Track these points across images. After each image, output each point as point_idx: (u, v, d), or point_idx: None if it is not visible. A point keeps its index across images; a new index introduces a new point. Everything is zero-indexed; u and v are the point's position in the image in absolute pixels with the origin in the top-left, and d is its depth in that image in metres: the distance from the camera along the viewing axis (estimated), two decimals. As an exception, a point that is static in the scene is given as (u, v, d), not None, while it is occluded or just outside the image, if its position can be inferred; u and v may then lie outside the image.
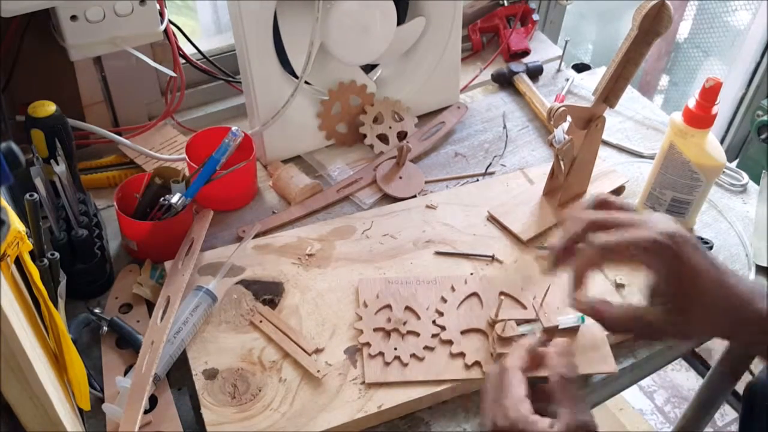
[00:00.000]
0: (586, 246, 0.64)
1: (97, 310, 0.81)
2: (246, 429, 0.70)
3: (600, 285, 0.86)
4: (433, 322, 0.79)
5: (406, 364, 0.76)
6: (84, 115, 1.01)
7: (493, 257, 0.88)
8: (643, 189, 0.95)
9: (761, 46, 1.66)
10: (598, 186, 0.98)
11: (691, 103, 0.86)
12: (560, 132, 0.90)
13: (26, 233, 0.52)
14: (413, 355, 0.76)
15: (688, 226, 0.94)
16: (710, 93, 0.84)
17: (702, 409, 1.36)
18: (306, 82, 1.01)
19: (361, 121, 1.06)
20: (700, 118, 0.85)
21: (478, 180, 1.02)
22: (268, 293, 0.83)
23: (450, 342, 0.78)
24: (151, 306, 0.83)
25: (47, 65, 0.94)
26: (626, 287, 0.86)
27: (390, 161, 1.02)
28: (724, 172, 1.03)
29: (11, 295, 0.50)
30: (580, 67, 1.25)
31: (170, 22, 0.97)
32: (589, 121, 0.88)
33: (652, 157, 1.07)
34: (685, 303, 0.64)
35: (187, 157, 0.93)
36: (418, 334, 0.78)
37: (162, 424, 0.72)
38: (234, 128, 0.88)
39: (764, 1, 1.66)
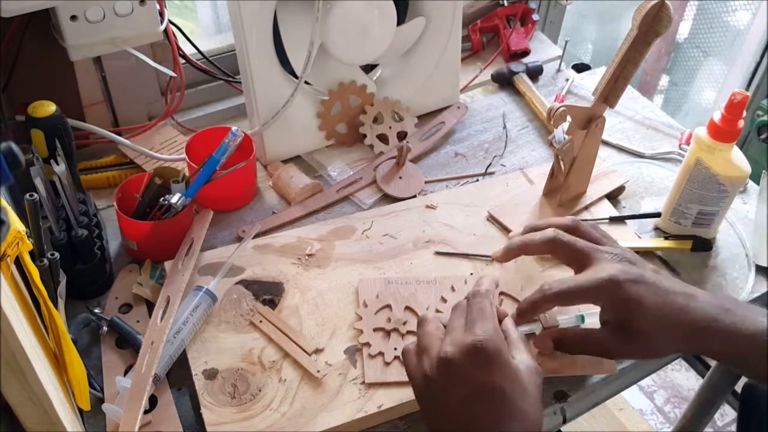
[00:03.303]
0: (537, 294, 0.71)
1: (97, 310, 0.81)
2: (246, 429, 0.70)
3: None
4: (433, 322, 0.79)
5: (406, 364, 0.76)
6: (84, 115, 1.01)
7: (493, 257, 0.88)
8: (665, 205, 0.94)
9: (761, 46, 1.66)
10: (598, 186, 0.98)
11: (716, 116, 0.84)
12: (560, 132, 0.90)
13: (26, 233, 0.52)
14: (413, 355, 0.76)
15: (711, 235, 0.93)
16: (737, 107, 0.83)
17: (702, 409, 1.36)
18: (306, 82, 1.01)
19: (361, 121, 1.06)
20: (726, 132, 0.84)
21: (478, 180, 1.02)
22: (268, 293, 0.83)
23: (450, 342, 0.78)
24: (150, 306, 0.83)
25: (47, 65, 0.94)
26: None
27: (390, 161, 1.02)
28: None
29: (11, 295, 0.50)
30: (580, 67, 1.25)
31: (170, 22, 0.97)
32: (589, 121, 0.88)
33: (652, 158, 1.07)
34: (631, 328, 0.69)
35: (187, 157, 0.93)
36: (418, 334, 0.78)
37: (162, 424, 0.72)
38: (234, 128, 0.88)
39: (764, 0, 1.66)
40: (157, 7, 0.92)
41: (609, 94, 0.87)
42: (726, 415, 1.81)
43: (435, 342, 0.65)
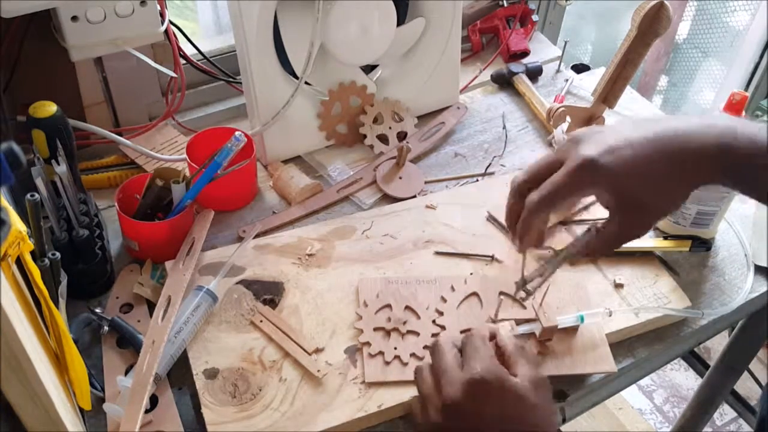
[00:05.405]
0: (525, 213, 0.69)
1: (98, 310, 0.81)
2: (246, 428, 0.70)
3: (599, 284, 0.86)
4: (433, 321, 0.80)
5: (406, 364, 0.76)
6: (85, 115, 1.01)
7: (492, 257, 0.88)
8: None
9: (760, 46, 1.67)
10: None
11: None
12: (560, 132, 0.90)
13: (27, 233, 0.53)
14: (413, 355, 0.77)
15: (710, 235, 0.94)
16: (736, 107, 0.83)
17: (701, 408, 1.37)
18: (306, 83, 1.01)
19: (361, 121, 1.06)
20: None
21: (477, 180, 1.03)
22: (269, 293, 0.83)
23: (450, 342, 0.78)
24: (151, 306, 0.83)
25: (48, 66, 0.94)
26: (625, 287, 0.86)
27: (390, 161, 1.02)
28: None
29: (12, 295, 0.50)
30: (580, 68, 1.26)
31: (171, 22, 0.97)
32: (589, 122, 0.89)
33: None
34: (628, 190, 0.65)
35: (187, 158, 0.93)
36: (418, 334, 0.78)
37: (163, 424, 0.72)
38: (237, 133, 0.88)
39: (764, 1, 1.66)
40: (158, 7, 0.92)
41: (608, 95, 0.87)
42: (725, 414, 1.81)
43: (434, 388, 0.64)
